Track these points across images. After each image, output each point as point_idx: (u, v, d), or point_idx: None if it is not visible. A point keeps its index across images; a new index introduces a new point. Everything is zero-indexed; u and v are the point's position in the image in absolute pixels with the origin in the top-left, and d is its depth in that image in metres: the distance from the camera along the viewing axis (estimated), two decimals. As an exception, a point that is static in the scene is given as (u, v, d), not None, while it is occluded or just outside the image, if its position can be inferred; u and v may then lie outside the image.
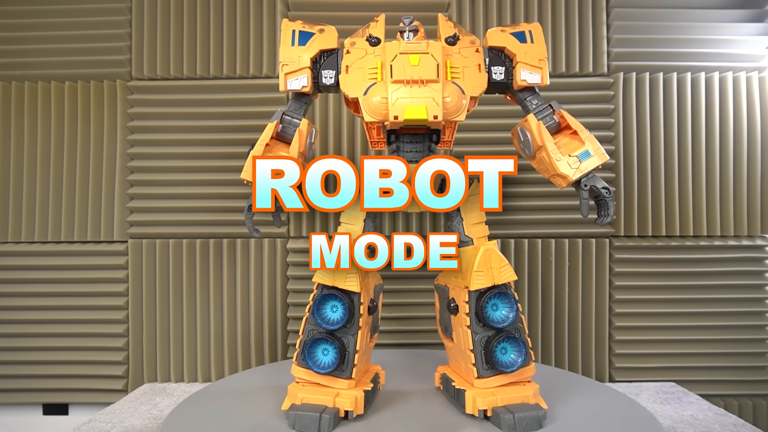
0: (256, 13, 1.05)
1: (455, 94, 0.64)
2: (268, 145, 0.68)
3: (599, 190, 0.67)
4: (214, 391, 0.76)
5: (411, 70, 0.64)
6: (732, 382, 1.04)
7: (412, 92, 0.63)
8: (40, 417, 1.06)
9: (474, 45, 0.69)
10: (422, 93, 0.63)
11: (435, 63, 0.64)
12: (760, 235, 1.05)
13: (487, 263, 0.64)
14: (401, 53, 0.65)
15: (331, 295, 0.65)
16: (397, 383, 0.78)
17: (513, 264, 1.04)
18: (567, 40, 1.05)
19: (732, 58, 1.05)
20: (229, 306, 1.04)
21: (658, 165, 1.05)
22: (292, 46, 0.69)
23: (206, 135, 1.05)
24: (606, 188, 0.67)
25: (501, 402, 0.63)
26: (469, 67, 0.67)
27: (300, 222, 1.05)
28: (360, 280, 0.64)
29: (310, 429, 0.60)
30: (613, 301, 1.05)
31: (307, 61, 0.68)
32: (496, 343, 0.64)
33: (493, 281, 0.64)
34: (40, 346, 1.04)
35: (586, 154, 0.66)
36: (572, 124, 0.67)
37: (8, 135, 1.06)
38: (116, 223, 1.05)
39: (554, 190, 1.03)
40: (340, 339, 0.64)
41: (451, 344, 0.72)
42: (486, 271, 0.64)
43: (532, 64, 0.68)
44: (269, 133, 0.68)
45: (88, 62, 1.06)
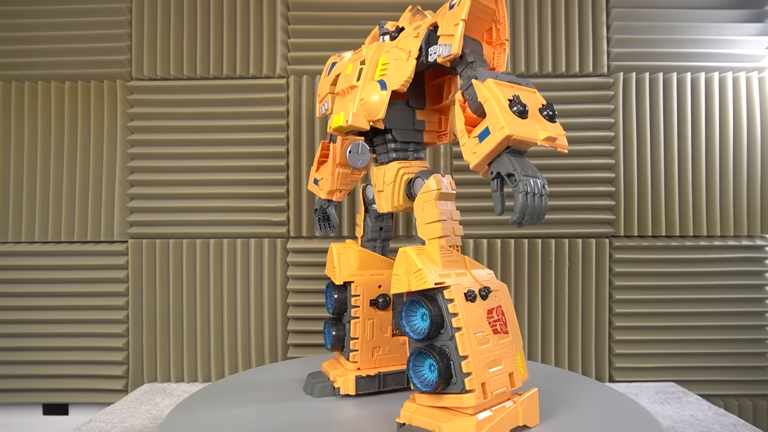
0: (256, 13, 1.05)
1: (370, 93, 0.60)
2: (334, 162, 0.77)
3: (506, 177, 0.51)
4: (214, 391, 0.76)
5: (343, 81, 0.65)
6: (732, 382, 1.04)
7: (339, 102, 0.65)
8: (40, 417, 1.06)
9: (417, 31, 0.61)
10: (345, 101, 0.63)
11: (359, 68, 0.64)
12: (760, 235, 1.05)
13: (401, 266, 0.57)
14: (347, 66, 0.67)
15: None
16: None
17: (513, 264, 1.04)
18: (567, 40, 1.05)
19: (732, 58, 1.05)
20: (229, 306, 1.04)
21: (658, 165, 1.05)
22: (326, 76, 0.73)
23: (206, 135, 1.05)
24: (511, 174, 0.50)
25: (415, 421, 0.55)
26: (399, 59, 0.61)
27: (300, 222, 1.05)
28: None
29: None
30: (613, 301, 1.05)
31: (327, 87, 0.73)
32: (410, 356, 0.56)
33: (408, 287, 0.56)
34: (40, 346, 1.04)
35: (485, 132, 0.51)
36: (480, 97, 0.52)
37: (8, 135, 1.06)
38: (116, 223, 1.05)
39: (554, 190, 1.04)
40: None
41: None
42: (401, 275, 0.57)
43: (447, 33, 0.56)
44: (318, 151, 0.79)
45: (88, 62, 1.06)
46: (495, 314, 0.56)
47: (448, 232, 0.59)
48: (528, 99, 0.52)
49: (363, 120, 0.61)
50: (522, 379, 0.57)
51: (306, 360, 0.90)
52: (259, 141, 1.05)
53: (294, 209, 1.05)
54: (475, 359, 0.53)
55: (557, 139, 0.50)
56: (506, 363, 0.56)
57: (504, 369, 0.55)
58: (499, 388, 0.54)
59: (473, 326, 0.54)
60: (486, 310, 0.55)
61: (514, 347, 0.57)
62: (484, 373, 0.53)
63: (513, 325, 0.58)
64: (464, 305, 0.54)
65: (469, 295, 0.54)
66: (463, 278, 0.56)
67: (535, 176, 0.49)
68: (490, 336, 0.55)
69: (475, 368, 0.52)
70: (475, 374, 0.52)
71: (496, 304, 0.57)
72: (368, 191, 0.73)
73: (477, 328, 0.54)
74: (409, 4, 1.06)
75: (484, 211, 1.04)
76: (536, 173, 0.49)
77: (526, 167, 0.49)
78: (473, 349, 0.53)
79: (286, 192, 1.05)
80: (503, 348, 0.56)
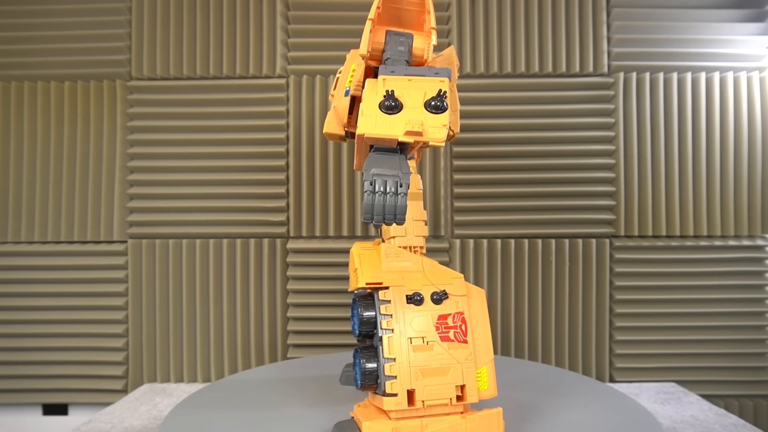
0: (256, 13, 1.05)
1: (339, 99, 0.62)
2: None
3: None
4: (214, 392, 0.75)
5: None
6: (732, 383, 1.04)
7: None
8: (40, 417, 1.06)
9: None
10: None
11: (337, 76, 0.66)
12: (760, 235, 1.05)
13: (350, 264, 0.58)
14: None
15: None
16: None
17: (513, 264, 1.04)
18: (567, 40, 1.05)
19: (732, 58, 1.05)
20: (229, 306, 1.04)
21: (658, 165, 1.05)
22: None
23: (206, 135, 1.05)
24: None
25: (357, 415, 0.56)
26: (361, 63, 0.60)
27: (300, 222, 1.05)
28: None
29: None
30: (613, 301, 1.05)
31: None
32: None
33: (350, 286, 0.56)
34: (40, 346, 1.03)
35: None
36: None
37: (8, 135, 1.06)
38: (116, 223, 1.05)
39: (554, 190, 1.04)
40: None
41: None
42: (350, 273, 0.57)
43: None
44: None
45: (88, 62, 1.06)
46: (451, 321, 0.53)
47: (400, 232, 0.58)
48: (414, 92, 0.48)
49: (336, 126, 0.60)
50: (485, 395, 0.53)
51: (306, 360, 0.90)
52: (259, 141, 1.05)
53: (294, 209, 1.05)
54: (405, 364, 0.51)
55: (423, 134, 0.46)
56: (454, 374, 0.52)
57: (449, 380, 0.52)
58: (437, 399, 0.51)
59: (411, 330, 0.52)
60: (436, 316, 0.53)
61: (473, 359, 0.53)
62: (413, 379, 0.51)
63: (481, 336, 0.54)
64: (403, 308, 0.52)
65: (412, 298, 0.53)
66: (412, 280, 0.54)
67: (392, 175, 0.46)
68: (435, 343, 0.52)
69: (400, 373, 0.51)
70: (399, 379, 0.50)
71: (454, 311, 0.53)
72: None
73: (417, 332, 0.52)
74: (409, 4, 1.06)
75: (484, 211, 1.04)
76: (395, 172, 0.46)
77: (382, 166, 0.46)
78: (403, 354, 0.51)
79: (286, 192, 1.05)
80: (454, 357, 0.52)
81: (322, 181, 1.05)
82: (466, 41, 1.05)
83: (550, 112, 1.04)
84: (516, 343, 1.04)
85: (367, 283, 0.53)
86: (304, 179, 1.05)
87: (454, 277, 0.55)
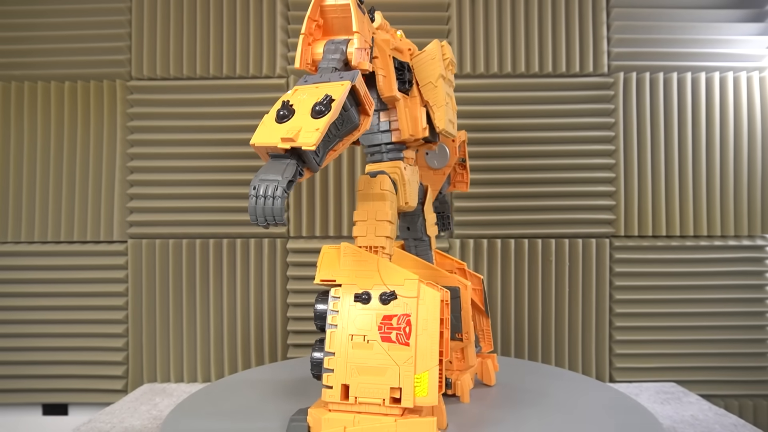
0: (256, 13, 1.05)
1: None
2: None
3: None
4: (214, 392, 0.75)
5: None
6: (732, 383, 1.04)
7: None
8: (40, 417, 1.06)
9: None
10: None
11: None
12: (760, 235, 1.05)
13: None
14: None
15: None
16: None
17: (513, 264, 1.04)
18: (567, 40, 1.05)
19: (732, 58, 1.05)
20: (229, 306, 1.04)
21: (658, 165, 1.05)
22: None
23: (206, 135, 1.05)
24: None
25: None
26: None
27: (300, 222, 1.05)
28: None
29: None
30: (613, 301, 1.05)
31: None
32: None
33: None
34: (40, 346, 1.03)
35: None
36: None
37: (8, 135, 1.06)
38: (116, 223, 1.05)
39: (554, 190, 1.04)
40: None
41: None
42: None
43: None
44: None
45: (88, 62, 1.06)
46: (395, 322, 0.53)
47: (362, 232, 0.58)
48: (310, 99, 0.49)
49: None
50: (423, 401, 0.51)
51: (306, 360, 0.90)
52: (259, 141, 1.05)
53: (294, 209, 1.05)
54: (342, 359, 0.53)
55: (295, 140, 0.47)
56: (391, 375, 0.52)
57: (384, 380, 0.52)
58: (370, 397, 0.52)
59: (353, 327, 0.53)
60: (381, 316, 0.53)
61: (414, 363, 0.52)
62: (349, 375, 0.52)
63: (426, 341, 0.52)
64: (349, 305, 0.54)
65: (359, 297, 0.54)
66: (365, 279, 0.55)
67: (273, 180, 0.47)
68: (375, 342, 0.53)
69: (337, 367, 0.52)
70: (336, 373, 0.52)
71: (401, 312, 0.53)
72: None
73: (359, 330, 0.53)
74: (409, 4, 1.06)
75: (484, 210, 1.04)
76: (277, 177, 0.47)
77: (269, 171, 0.48)
78: (342, 349, 0.53)
79: (286, 192, 1.05)
80: (393, 359, 0.52)
81: (322, 181, 1.05)
82: (466, 41, 1.05)
83: (549, 112, 1.04)
84: (516, 343, 1.04)
85: (321, 280, 0.56)
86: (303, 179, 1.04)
87: (407, 279, 0.55)
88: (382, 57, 0.60)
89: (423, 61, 0.64)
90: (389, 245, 0.58)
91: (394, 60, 0.61)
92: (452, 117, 0.67)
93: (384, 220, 0.58)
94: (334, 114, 0.48)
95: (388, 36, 0.62)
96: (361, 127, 0.54)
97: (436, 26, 1.05)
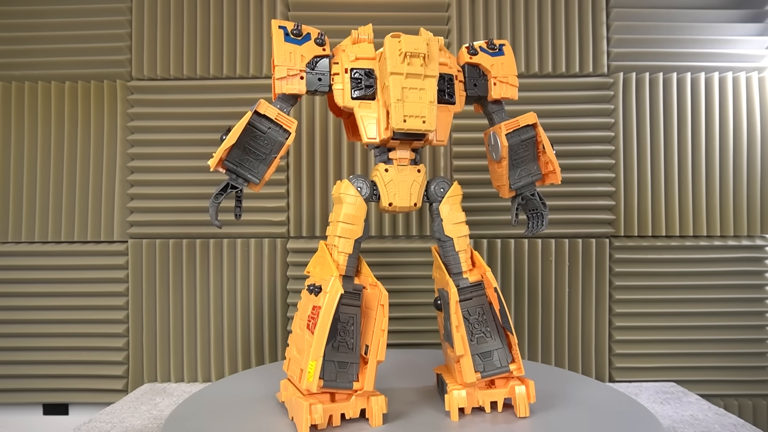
0: (256, 13, 1.05)
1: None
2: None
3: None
4: (214, 392, 0.76)
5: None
6: (732, 382, 1.04)
7: None
8: (40, 417, 1.06)
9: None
10: None
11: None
12: (760, 235, 1.05)
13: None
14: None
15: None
16: (395, 382, 0.78)
17: (513, 264, 1.04)
18: (567, 40, 1.05)
19: (732, 58, 1.05)
20: (229, 306, 1.04)
21: (658, 165, 1.05)
22: None
23: (206, 135, 1.05)
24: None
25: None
26: None
27: (300, 222, 1.05)
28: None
29: None
30: (613, 301, 1.05)
31: None
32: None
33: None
34: (40, 346, 1.04)
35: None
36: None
37: (8, 135, 1.06)
38: (116, 223, 1.05)
39: (554, 190, 1.04)
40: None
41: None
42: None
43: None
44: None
45: (88, 62, 1.06)
46: (315, 313, 0.61)
47: (327, 231, 0.67)
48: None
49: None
50: (307, 386, 0.59)
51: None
52: (259, 141, 1.05)
53: (294, 209, 1.05)
54: (294, 337, 0.66)
55: (210, 162, 0.65)
56: (304, 359, 0.61)
57: (300, 361, 0.62)
58: (292, 373, 0.65)
59: (303, 315, 0.64)
60: (312, 306, 0.62)
61: (309, 350, 0.59)
62: (292, 351, 0.65)
63: (320, 333, 0.59)
64: (305, 295, 0.64)
65: (309, 288, 0.63)
66: (321, 273, 0.64)
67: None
68: (304, 329, 0.63)
69: (291, 343, 0.67)
70: (290, 347, 0.66)
71: (318, 304, 0.60)
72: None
73: (301, 317, 0.64)
74: (409, 4, 1.06)
75: (484, 211, 1.04)
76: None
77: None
78: (296, 330, 0.65)
79: (286, 192, 1.05)
80: (305, 344, 0.61)
81: (322, 181, 1.05)
82: (466, 41, 1.05)
83: (549, 112, 1.04)
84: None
85: (306, 271, 0.68)
86: (304, 179, 1.05)
87: (332, 275, 0.61)
88: (341, 73, 0.66)
89: (381, 64, 0.65)
90: (342, 244, 0.64)
91: (353, 71, 0.65)
92: (418, 111, 0.62)
93: (335, 221, 0.65)
94: (230, 141, 0.62)
95: (353, 52, 0.66)
96: (289, 139, 0.65)
97: (436, 26, 1.05)
